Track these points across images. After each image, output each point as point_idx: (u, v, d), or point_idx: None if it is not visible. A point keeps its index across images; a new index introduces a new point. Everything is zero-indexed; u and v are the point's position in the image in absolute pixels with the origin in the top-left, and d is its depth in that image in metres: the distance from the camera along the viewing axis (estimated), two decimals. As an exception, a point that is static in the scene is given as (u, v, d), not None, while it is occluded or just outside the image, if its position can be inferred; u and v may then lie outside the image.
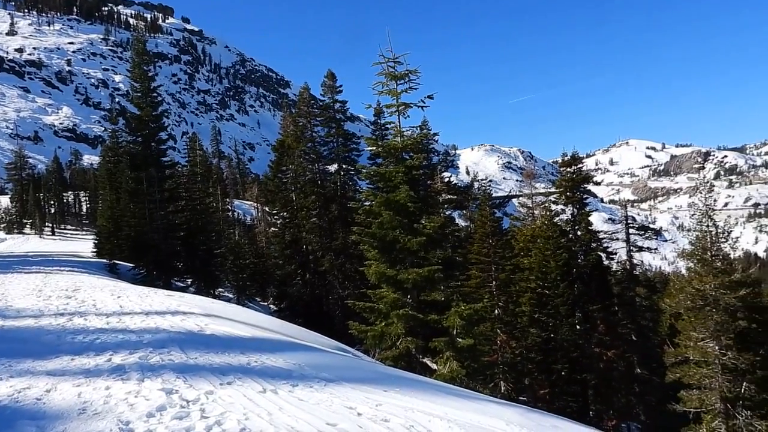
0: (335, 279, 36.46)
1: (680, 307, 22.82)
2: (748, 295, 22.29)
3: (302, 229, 37.14)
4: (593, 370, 28.38)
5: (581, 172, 32.10)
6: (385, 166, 15.41)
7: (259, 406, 5.84)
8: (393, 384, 7.69)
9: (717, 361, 20.39)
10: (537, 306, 27.78)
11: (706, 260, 21.50)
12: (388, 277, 14.35)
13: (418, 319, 13.80)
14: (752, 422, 19.89)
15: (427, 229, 14.36)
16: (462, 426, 5.72)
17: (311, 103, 40.82)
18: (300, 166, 38.08)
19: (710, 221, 22.01)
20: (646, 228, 34.45)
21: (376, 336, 14.22)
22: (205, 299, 18.95)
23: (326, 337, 14.91)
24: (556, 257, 28.55)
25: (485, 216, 27.65)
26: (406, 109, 15.30)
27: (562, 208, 31.55)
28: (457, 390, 9.20)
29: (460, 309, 13.43)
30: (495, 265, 26.57)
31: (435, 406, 6.55)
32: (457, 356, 13.35)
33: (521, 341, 27.24)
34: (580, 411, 27.85)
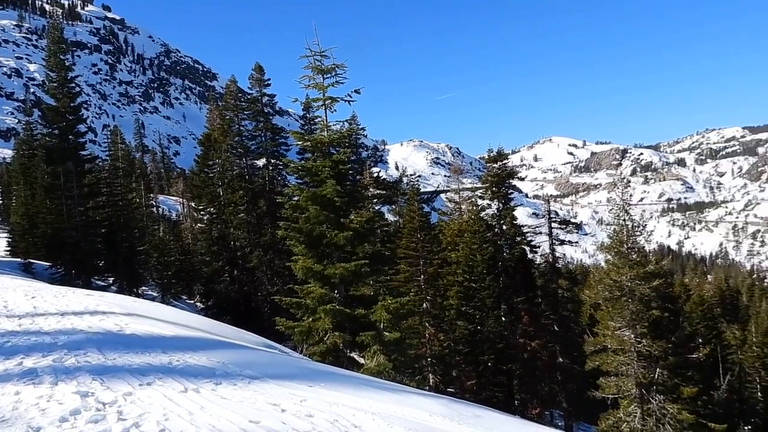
0: (264, 275, 35.99)
1: (599, 297, 23.78)
2: (661, 286, 23.43)
3: (230, 225, 36.45)
4: (518, 361, 29.20)
5: (506, 167, 32.90)
6: (312, 160, 15.30)
7: (180, 406, 5.69)
8: (319, 379, 7.67)
9: (633, 348, 21.35)
10: (464, 299, 28.29)
11: (623, 253, 22.45)
12: (315, 272, 14.27)
13: (345, 313, 13.78)
14: (665, 406, 20.94)
15: (354, 223, 14.36)
16: (386, 418, 5.76)
17: (239, 96, 40.06)
18: (227, 160, 37.33)
19: (627, 215, 23.00)
20: (567, 222, 35.60)
21: (303, 332, 14.13)
22: (127, 298, 18.33)
23: (253, 335, 14.71)
24: (483, 251, 29.16)
25: (413, 211, 27.92)
26: (333, 103, 15.23)
27: (488, 203, 32.23)
28: (383, 383, 9.26)
29: (387, 303, 13.51)
30: (423, 260, 26.89)
31: (360, 400, 6.58)
32: (384, 350, 13.43)
33: (449, 334, 27.69)
34: (506, 400, 28.61)
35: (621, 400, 21.91)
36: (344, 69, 15.09)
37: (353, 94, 15.22)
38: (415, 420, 5.99)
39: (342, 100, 15.29)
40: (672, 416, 20.75)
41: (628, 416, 21.41)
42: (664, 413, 20.99)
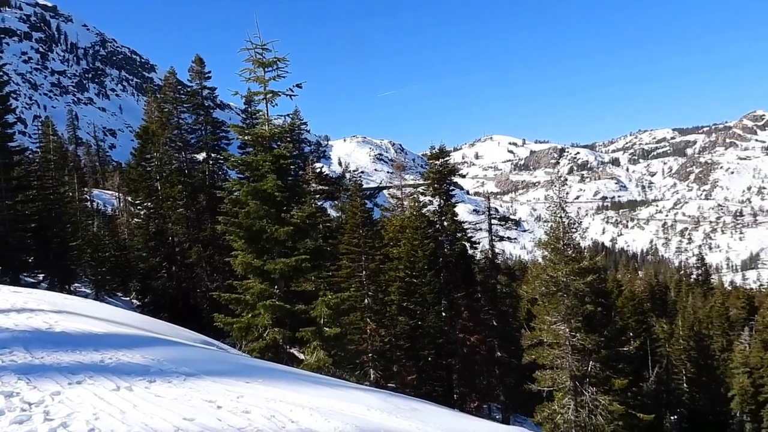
0: (203, 271, 35.34)
1: (536, 293, 24.37)
2: (595, 281, 24.20)
3: (168, 220, 35.61)
4: (457, 355, 29.63)
5: (448, 165, 33.30)
6: (253, 155, 15.10)
7: (111, 404, 5.54)
8: (256, 375, 7.60)
9: (567, 342, 21.96)
10: (405, 294, 28.49)
11: (559, 249, 23.04)
12: (255, 267, 14.11)
13: (285, 309, 13.68)
14: (597, 397, 21.65)
15: (295, 218, 14.26)
16: (324, 413, 5.76)
17: (178, 88, 39.15)
18: (165, 154, 36.44)
19: (563, 213, 23.63)
20: (507, 219, 36.34)
21: (242, 328, 13.95)
22: (58, 295, 17.66)
23: (190, 331, 14.43)
24: (424, 247, 29.43)
25: (356, 206, 27.91)
26: (274, 97, 15.06)
27: (430, 200, 32.56)
28: (322, 379, 9.25)
29: (328, 298, 13.49)
30: (365, 255, 26.91)
31: (298, 396, 6.56)
32: (324, 345, 13.41)
33: (390, 329, 27.83)
34: (446, 394, 29.01)
35: (556, 392, 22.54)
36: (286, 63, 14.96)
37: (295, 88, 15.12)
38: (352, 414, 6.02)
39: (283, 94, 15.16)
40: (604, 407, 21.46)
41: (562, 408, 22.04)
42: (596, 404, 21.69)
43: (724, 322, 56.74)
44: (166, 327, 13.87)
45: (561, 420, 21.98)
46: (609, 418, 21.50)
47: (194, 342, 12.04)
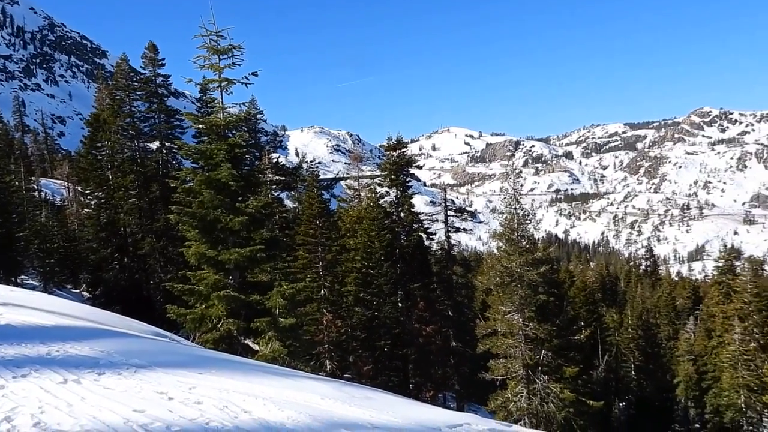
0: (156, 262, 34.68)
1: (491, 283, 24.75)
2: (548, 272, 24.68)
3: (120, 210, 34.80)
4: (413, 345, 29.83)
5: (405, 156, 33.36)
6: (207, 143, 14.85)
7: (57, 398, 5.41)
8: (209, 366, 7.52)
9: (521, 332, 22.38)
10: (362, 285, 28.52)
11: (514, 240, 23.43)
12: (209, 257, 13.91)
13: (239, 300, 13.54)
14: (549, 385, 22.14)
15: (250, 208, 14.09)
16: (277, 403, 5.74)
17: (131, 75, 38.14)
18: (117, 142, 35.55)
19: (518, 205, 24.02)
20: (463, 210, 36.65)
21: (195, 319, 13.75)
22: (3, 287, 17.13)
23: (142, 323, 14.16)
24: (381, 238, 29.49)
25: (313, 197, 27.78)
26: (229, 85, 14.83)
27: (387, 191, 32.59)
28: (276, 369, 9.20)
29: (283, 289, 13.40)
30: (322, 246, 26.82)
31: (252, 386, 6.51)
32: (279, 336, 13.33)
33: (346, 320, 27.84)
34: (402, 384, 29.21)
35: (509, 381, 22.96)
36: (241, 50, 14.75)
37: (250, 76, 14.92)
38: (306, 403, 6.01)
39: (239, 82, 14.94)
40: (555, 395, 21.97)
41: (515, 396, 22.47)
42: (548, 392, 22.19)
43: (670, 311, 58.65)
44: (117, 319, 13.59)
45: (514, 408, 22.41)
46: (560, 406, 22.02)
47: (146, 334, 11.82)
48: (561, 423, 21.86)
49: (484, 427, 6.06)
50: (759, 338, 35.34)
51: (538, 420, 21.94)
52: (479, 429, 5.88)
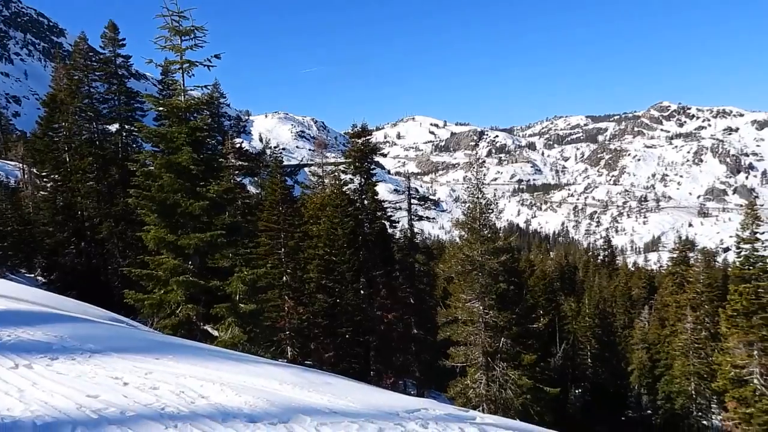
0: (115, 247, 34.01)
1: (452, 271, 24.99)
2: (509, 261, 25.02)
3: (77, 194, 33.96)
4: (375, 332, 29.97)
5: (370, 143, 33.31)
6: (168, 126, 14.56)
7: (8, 383, 5.29)
8: (166, 352, 7.43)
9: (481, 319, 22.67)
10: (324, 272, 28.47)
11: (476, 229, 23.66)
12: (168, 242, 13.68)
13: (199, 285, 13.38)
14: (507, 372, 22.51)
15: (211, 193, 13.89)
16: (234, 388, 5.71)
17: (90, 55, 37.11)
18: (75, 124, 34.63)
19: (480, 194, 24.25)
20: (426, 199, 36.83)
21: (154, 304, 13.54)
22: (-48, 270, 16.61)
23: (99, 308, 13.91)
24: (344, 225, 29.45)
25: (276, 183, 27.55)
26: (191, 67, 14.55)
27: (351, 178, 32.52)
28: (235, 355, 9.15)
29: (243, 274, 13.28)
30: (284, 233, 26.65)
31: (209, 371, 6.46)
32: (239, 322, 13.23)
33: (308, 307, 27.77)
34: (363, 371, 29.32)
35: (468, 368, 23.27)
36: (204, 32, 14.47)
37: (213, 59, 14.66)
38: (264, 389, 5.99)
39: (201, 64, 14.67)
40: (513, 382, 22.36)
41: (474, 383, 22.80)
42: (507, 379, 22.56)
43: (626, 301, 60.08)
44: (72, 304, 13.30)
45: (473, 394, 22.74)
46: (518, 392, 22.42)
47: (102, 319, 11.61)
48: (518, 409, 22.26)
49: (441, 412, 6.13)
50: (709, 327, 36.48)
51: (497, 406, 22.30)
52: (436, 414, 5.94)
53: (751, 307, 19.82)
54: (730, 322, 20.59)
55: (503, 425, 6.10)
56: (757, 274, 20.25)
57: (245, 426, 4.67)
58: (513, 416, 22.19)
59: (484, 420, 6.32)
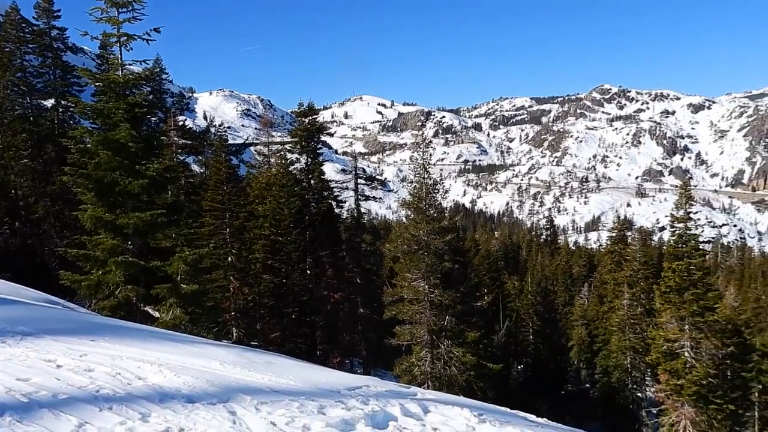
0: (51, 227, 32.80)
1: (398, 251, 25.16)
2: (454, 240, 25.33)
3: (10, 172, 32.53)
4: (321, 312, 29.98)
5: (316, 122, 33.02)
6: (105, 102, 14.05)
7: (-69, 368, 5.06)
8: (103, 333, 7.25)
9: (426, 298, 22.94)
10: (270, 252, 28.23)
11: (422, 209, 23.84)
12: (106, 222, 13.27)
13: (139, 265, 13.06)
14: (452, 350, 22.90)
15: (151, 171, 13.52)
16: (173, 369, 5.62)
17: (22, 26, 35.36)
18: (7, 98, 33.07)
19: (426, 174, 24.41)
20: (373, 179, 36.85)
21: (91, 285, 13.15)
22: None
23: (33, 290, 13.44)
24: (290, 205, 29.21)
25: (220, 162, 27.08)
26: (129, 40, 14.05)
27: (297, 157, 32.22)
28: (176, 336, 9.00)
29: (185, 254, 13.03)
30: (229, 213, 26.25)
31: (148, 352, 6.34)
32: (181, 303, 12.99)
33: (254, 287, 27.53)
34: (309, 351, 29.32)
35: (414, 346, 23.57)
36: (142, 4, 14.01)
37: (152, 32, 14.19)
38: (204, 369, 5.92)
39: (139, 38, 14.20)
40: (457, 359, 22.77)
41: (420, 360, 23.12)
42: (451, 356, 22.96)
43: (567, 279, 61.83)
44: (5, 286, 12.81)
45: (418, 372, 23.06)
46: (462, 369, 22.86)
47: (36, 301, 11.23)
48: (462, 385, 22.70)
49: (382, 389, 6.19)
50: (645, 303, 37.88)
51: (441, 383, 22.69)
52: (377, 391, 6.00)
53: (683, 283, 20.63)
54: (664, 298, 21.39)
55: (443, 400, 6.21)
56: (689, 252, 21.05)
57: (183, 407, 4.61)
58: (457, 392, 22.62)
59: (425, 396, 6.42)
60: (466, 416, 5.62)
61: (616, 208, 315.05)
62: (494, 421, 5.68)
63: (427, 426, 5.23)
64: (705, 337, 20.57)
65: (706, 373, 19.95)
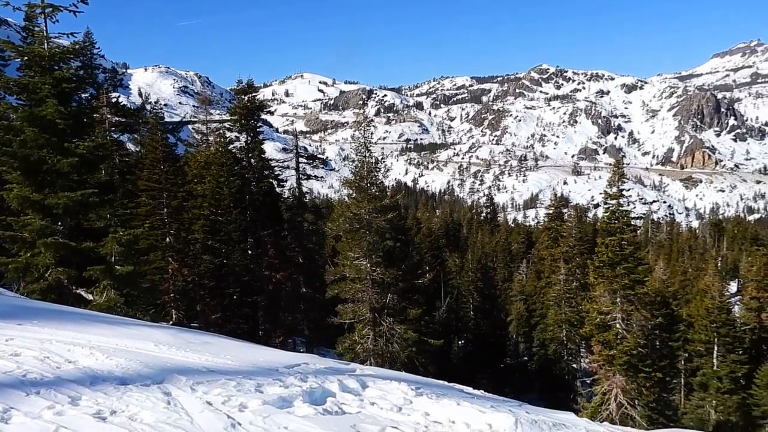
0: (-26, 208, 31.31)
1: (340, 230, 25.15)
2: (395, 218, 25.50)
3: (-74, 150, 30.81)
4: (263, 292, 29.72)
5: (256, 100, 32.43)
6: (30, 76, 13.39)
7: None
8: (31, 317, 6.99)
9: (368, 276, 23.07)
10: (210, 233, 27.73)
11: (363, 187, 23.86)
12: (33, 202, 12.72)
13: (70, 247, 12.60)
14: (394, 327, 23.16)
15: (81, 149, 13.00)
16: (106, 351, 5.48)
17: (-64, -4, 33.26)
18: None
19: (368, 153, 24.40)
20: (314, 158, 36.58)
21: (19, 268, 12.62)
22: None
23: (-45, 275, 12.81)
24: (230, 184, 28.72)
25: (157, 141, 26.32)
26: (54, 12, 13.39)
27: (237, 136, 31.63)
28: (109, 318, 8.77)
29: (119, 235, 12.64)
30: (167, 192, 25.58)
31: (79, 335, 6.15)
32: (115, 285, 12.63)
33: (194, 268, 27.01)
34: (251, 331, 29.08)
35: (357, 324, 23.73)
36: (68, -26, 13.32)
37: (80, 3, 13.57)
38: (139, 351, 5.80)
39: (66, 9, 13.55)
40: (399, 336, 23.06)
41: (362, 338, 23.30)
42: (393, 333, 23.22)
43: (506, 255, 63.25)
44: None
45: (361, 349, 23.25)
46: (404, 345, 23.17)
47: (-41, 285, 10.72)
48: (404, 361, 23.03)
49: (321, 366, 6.21)
50: (580, 278, 39.17)
51: (383, 360, 22.94)
52: (316, 368, 6.02)
53: (616, 258, 21.38)
54: (597, 273, 22.13)
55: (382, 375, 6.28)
56: (621, 228, 21.81)
57: (116, 389, 4.51)
58: (399, 368, 22.94)
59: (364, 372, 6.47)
60: (404, 390, 5.70)
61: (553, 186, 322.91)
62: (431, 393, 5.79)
63: (365, 401, 5.28)
64: (635, 309, 21.42)
65: (636, 343, 20.81)
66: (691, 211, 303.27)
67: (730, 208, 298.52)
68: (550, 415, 6.96)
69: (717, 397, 30.32)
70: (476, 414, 5.63)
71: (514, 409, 6.57)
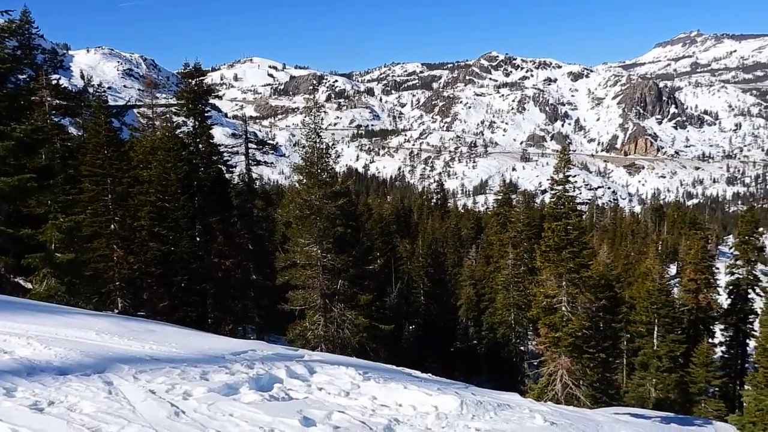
0: None
1: (291, 216, 25.01)
2: (346, 204, 25.48)
3: None
4: (212, 280, 29.33)
5: (204, 84, 31.80)
6: (-39, 56, 12.80)
7: None
8: (-36, 307, 6.73)
9: (319, 263, 23.04)
10: (157, 219, 27.17)
11: (314, 173, 23.76)
12: (-34, 187, 12.22)
13: (7, 234, 12.15)
14: (345, 313, 23.23)
15: (18, 132, 12.52)
16: (44, 341, 5.32)
17: None
18: None
19: (318, 139, 24.28)
20: (264, 143, 36.12)
21: (-48, 258, 12.13)
22: None
23: None
24: (177, 170, 28.13)
25: (100, 125, 25.48)
26: (-14, -11, 12.82)
27: (184, 120, 30.98)
28: (49, 307, 8.51)
29: (59, 222, 12.26)
30: (111, 178, 24.87)
31: (15, 325, 5.95)
32: (55, 272, 12.26)
33: (140, 256, 26.43)
34: (200, 319, 28.68)
35: (307, 310, 23.68)
36: (1, -51, 12.73)
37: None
38: (79, 340, 5.65)
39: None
40: (350, 321, 23.15)
41: (313, 324, 23.28)
42: (344, 319, 23.29)
43: (456, 241, 64.02)
44: None
45: (312, 336, 23.23)
46: (355, 331, 23.28)
47: None
48: (355, 347, 23.13)
49: (269, 353, 6.18)
50: (527, 262, 39.97)
51: (334, 346, 22.99)
52: (264, 354, 5.99)
53: (561, 242, 21.86)
54: (544, 257, 22.61)
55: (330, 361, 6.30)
56: (566, 213, 22.30)
57: (54, 379, 4.39)
58: (350, 354, 23.01)
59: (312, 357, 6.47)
60: (352, 375, 5.73)
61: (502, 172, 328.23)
62: (378, 378, 5.83)
63: (313, 386, 5.29)
64: (580, 292, 21.98)
65: (581, 325, 21.38)
66: (634, 196, 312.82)
67: (670, 194, 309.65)
68: (495, 396, 7.11)
69: (657, 376, 31.49)
70: (423, 397, 5.71)
71: (460, 391, 6.69)
